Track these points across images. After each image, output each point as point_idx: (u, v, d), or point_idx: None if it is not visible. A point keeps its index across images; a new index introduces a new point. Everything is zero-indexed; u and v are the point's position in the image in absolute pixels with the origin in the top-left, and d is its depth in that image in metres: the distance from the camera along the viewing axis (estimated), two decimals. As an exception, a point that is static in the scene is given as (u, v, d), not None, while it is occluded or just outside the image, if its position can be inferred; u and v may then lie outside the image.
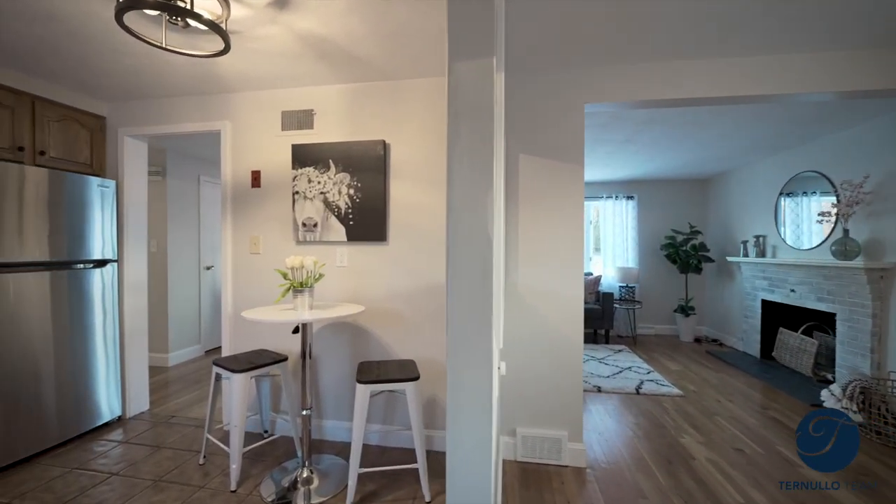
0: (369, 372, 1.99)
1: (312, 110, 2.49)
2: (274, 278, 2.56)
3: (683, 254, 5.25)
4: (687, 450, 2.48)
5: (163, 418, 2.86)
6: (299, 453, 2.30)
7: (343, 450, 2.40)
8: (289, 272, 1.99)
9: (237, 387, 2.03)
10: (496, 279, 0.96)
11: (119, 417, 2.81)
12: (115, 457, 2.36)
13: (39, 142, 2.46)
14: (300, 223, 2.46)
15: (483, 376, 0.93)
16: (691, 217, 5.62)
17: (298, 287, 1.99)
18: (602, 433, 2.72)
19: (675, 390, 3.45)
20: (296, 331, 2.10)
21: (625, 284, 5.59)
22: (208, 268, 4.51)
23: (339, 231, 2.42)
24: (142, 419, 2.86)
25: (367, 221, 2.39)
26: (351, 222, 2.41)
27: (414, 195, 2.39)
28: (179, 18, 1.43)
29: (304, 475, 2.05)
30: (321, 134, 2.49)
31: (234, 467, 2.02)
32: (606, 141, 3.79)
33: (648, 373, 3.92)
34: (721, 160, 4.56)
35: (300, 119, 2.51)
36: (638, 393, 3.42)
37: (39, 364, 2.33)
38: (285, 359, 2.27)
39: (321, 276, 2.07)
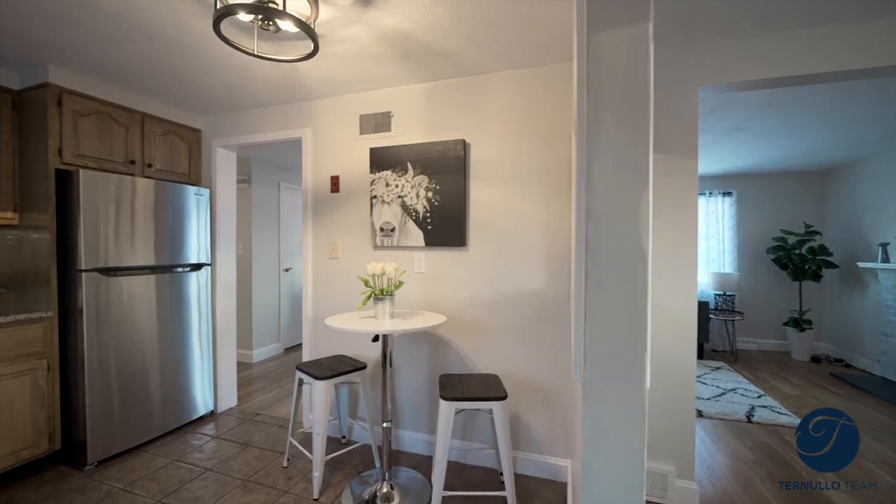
0: (452, 387, 1.86)
1: (390, 112, 2.43)
2: (352, 283, 2.54)
3: (797, 258, 4.51)
4: (830, 501, 2.03)
5: (249, 415, 2.99)
6: (378, 464, 2.25)
7: (421, 463, 2.30)
8: (370, 279, 1.93)
9: (319, 394, 2.01)
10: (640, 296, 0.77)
11: (212, 412, 2.98)
12: (209, 451, 2.47)
13: (147, 155, 2.67)
14: (378, 228, 2.41)
15: (634, 406, 0.74)
16: (804, 215, 4.83)
17: (379, 295, 1.91)
18: (711, 468, 2.34)
19: (798, 420, 2.91)
20: (375, 339, 2.03)
21: (721, 293, 4.95)
22: (287, 269, 4.73)
23: (416, 236, 2.33)
24: (230, 415, 3.00)
25: (445, 225, 2.27)
26: (429, 227, 2.30)
27: (496, 197, 2.23)
28: (271, 23, 1.40)
29: (384, 490, 1.98)
30: (399, 136, 2.42)
31: (317, 475, 2.00)
32: (707, 131, 3.33)
33: (759, 396, 3.38)
34: (849, 148, 3.83)
35: (378, 122, 2.47)
36: (749, 421, 2.94)
37: (147, 360, 2.52)
38: (364, 366, 2.23)
39: (401, 283, 1.99)
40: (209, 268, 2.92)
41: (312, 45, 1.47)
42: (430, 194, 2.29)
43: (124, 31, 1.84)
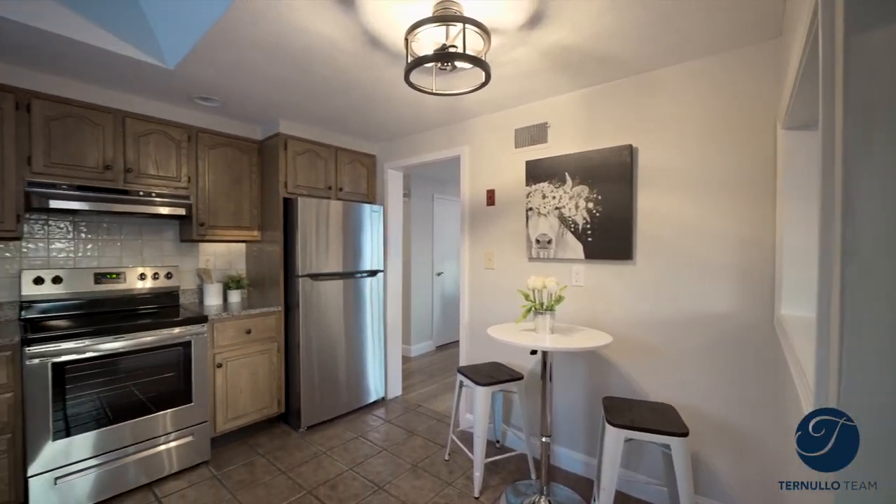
0: (620, 413, 1.74)
1: (546, 123, 2.43)
2: (507, 292, 2.61)
3: None
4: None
5: (412, 405, 3.35)
6: (533, 475, 2.26)
7: (577, 483, 2.23)
8: (530, 293, 1.96)
9: (480, 399, 2.13)
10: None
11: (383, 398, 3.44)
12: (383, 433, 2.87)
13: (339, 181, 3.25)
14: (534, 240, 2.43)
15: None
16: None
17: (540, 309, 1.93)
18: None
19: None
20: (534, 352, 2.05)
21: None
22: (439, 274, 5.14)
23: (575, 248, 2.26)
24: (397, 403, 3.42)
25: (608, 237, 2.15)
26: (589, 238, 2.21)
27: (669, 206, 2.00)
28: (449, 64, 1.55)
29: (543, 504, 1.98)
30: (555, 147, 2.39)
31: (478, 475, 2.13)
32: None
33: None
34: None
35: (533, 134, 2.49)
36: None
37: (336, 349, 3.06)
38: (521, 377, 2.27)
39: (562, 298, 1.96)
40: (382, 274, 3.39)
41: (484, 76, 1.58)
42: (590, 205, 2.20)
43: (332, 86, 2.29)
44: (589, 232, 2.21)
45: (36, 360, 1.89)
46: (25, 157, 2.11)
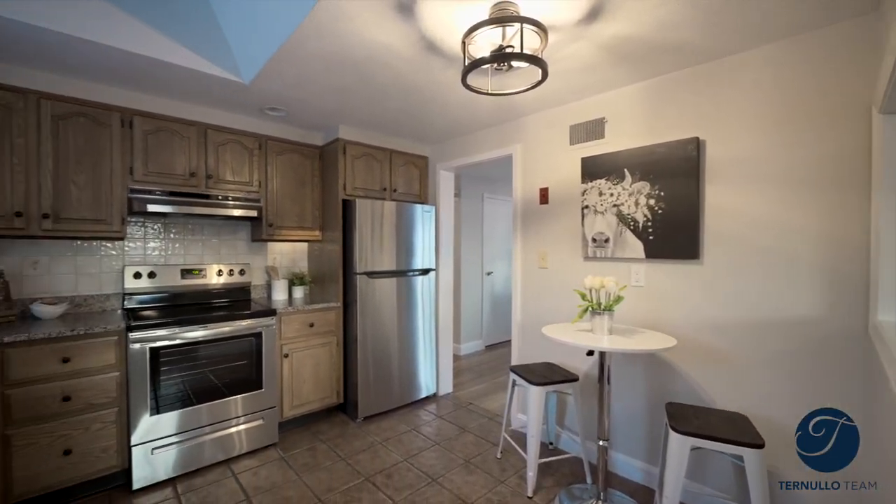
0: (685, 419, 1.66)
1: (603, 118, 2.36)
2: (561, 292, 2.57)
3: None
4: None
5: (463, 403, 3.39)
6: (588, 479, 2.21)
7: (636, 492, 2.14)
8: (587, 292, 1.92)
9: (534, 399, 2.12)
10: None
11: (434, 394, 3.51)
12: (435, 428, 2.93)
13: (393, 182, 3.36)
14: (590, 238, 2.37)
15: None
16: None
17: (597, 309, 1.88)
18: None
19: None
20: (590, 353, 2.00)
21: None
22: (488, 273, 5.14)
23: (634, 247, 2.18)
24: (448, 399, 3.48)
25: (671, 235, 2.05)
26: (650, 237, 2.12)
27: (742, 202, 1.87)
28: (506, 64, 1.56)
29: (600, 509, 1.93)
30: (613, 142, 2.31)
31: (531, 475, 2.12)
32: None
33: None
34: None
35: (589, 130, 2.42)
36: None
37: (390, 344, 3.17)
38: (576, 378, 2.23)
39: (621, 298, 1.90)
40: (434, 272, 3.46)
41: (541, 73, 1.57)
42: (651, 202, 2.11)
43: (389, 92, 2.38)
44: (650, 230, 2.12)
45: (137, 345, 2.15)
46: (128, 168, 2.41)
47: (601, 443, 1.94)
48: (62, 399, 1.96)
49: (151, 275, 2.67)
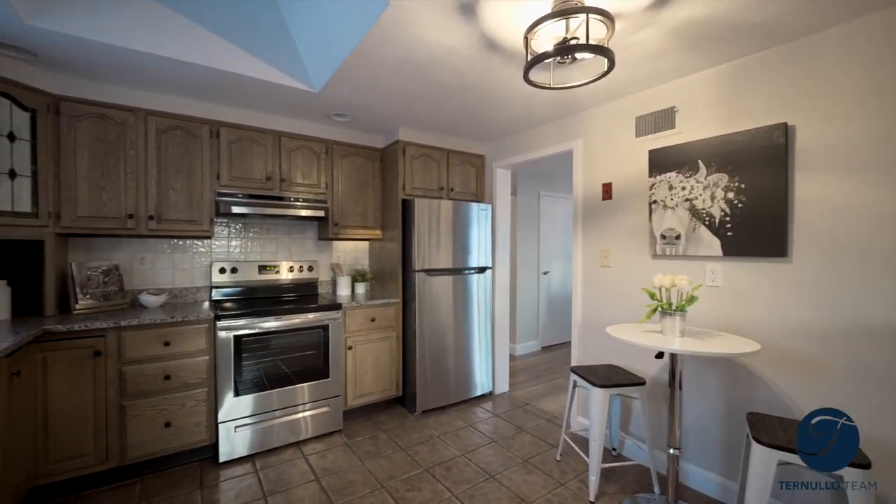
0: (770, 431, 1.52)
1: (673, 108, 2.22)
2: (625, 291, 2.46)
3: None
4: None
5: (519, 403, 3.35)
6: (656, 489, 2.09)
7: (712, 507, 2.00)
8: (656, 291, 1.82)
9: (597, 401, 2.05)
10: None
11: (490, 393, 3.51)
12: (491, 426, 2.93)
13: (450, 181, 3.42)
14: (658, 235, 2.24)
15: None
16: None
17: (668, 309, 1.78)
18: None
19: None
20: (659, 356, 1.90)
21: None
22: (545, 273, 5.04)
23: (710, 244, 2.03)
24: (504, 398, 3.46)
25: (754, 231, 1.88)
26: (728, 233, 1.96)
27: (841, 193, 1.67)
28: (569, 56, 1.53)
29: (670, 522, 1.82)
30: (685, 133, 2.17)
31: (594, 479, 2.05)
32: None
33: None
34: None
35: (657, 121, 2.29)
36: None
37: (446, 341, 3.22)
38: (643, 382, 2.12)
39: (694, 298, 1.78)
40: (490, 271, 3.46)
41: (607, 64, 1.52)
42: (730, 195, 1.95)
43: (448, 92, 2.43)
44: (728, 225, 1.96)
45: (223, 333, 2.39)
46: (215, 173, 2.68)
47: (671, 451, 1.83)
48: (164, 378, 2.24)
49: (234, 270, 2.95)
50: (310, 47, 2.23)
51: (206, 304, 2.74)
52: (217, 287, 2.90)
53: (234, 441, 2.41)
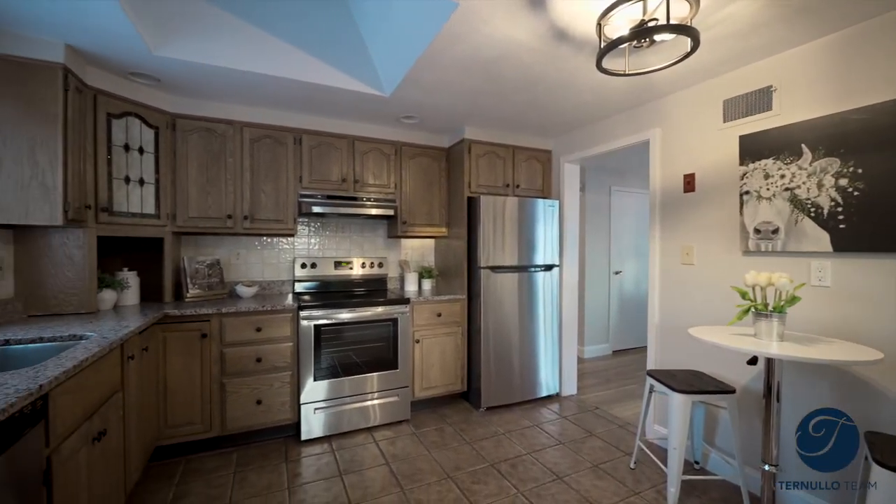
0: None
1: (770, 87, 1.99)
2: (711, 292, 2.25)
3: None
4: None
5: (588, 407, 3.22)
6: (748, 510, 1.89)
7: (818, 537, 1.76)
8: (749, 290, 1.65)
9: (678, 408, 1.90)
10: None
11: (556, 394, 3.42)
12: (559, 427, 2.85)
13: (516, 178, 3.39)
14: (752, 229, 2.02)
15: None
16: None
17: (763, 310, 1.60)
18: None
19: None
20: (752, 361, 1.72)
21: None
22: (617, 273, 4.77)
23: (816, 238, 1.79)
24: (572, 401, 3.34)
25: (876, 223, 1.62)
26: (840, 225, 1.72)
27: None
28: (646, 39, 1.45)
29: (765, 546, 1.64)
30: (784, 114, 1.94)
31: (672, 491, 1.91)
32: None
33: None
34: None
35: (750, 103, 2.07)
36: None
37: (511, 338, 3.19)
38: (733, 391, 1.93)
39: (796, 298, 1.58)
40: (557, 269, 3.37)
41: (690, 44, 1.41)
42: (842, 182, 1.70)
43: (515, 86, 2.41)
44: (840, 217, 1.71)
45: (305, 322, 2.61)
46: (298, 177, 2.93)
47: (767, 468, 1.65)
48: (255, 360, 2.50)
49: (313, 265, 3.20)
50: (381, 54, 2.35)
51: (290, 296, 3.01)
52: (298, 281, 3.17)
53: (312, 422, 2.62)
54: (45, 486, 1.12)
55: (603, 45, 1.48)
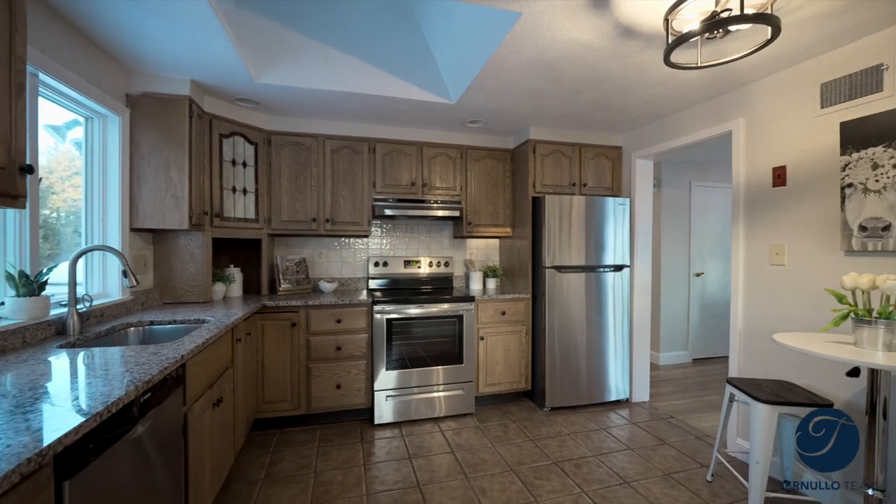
0: None
1: (881, 65, 1.76)
2: (804, 296, 2.04)
3: None
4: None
5: (662, 415, 3.06)
6: (849, 540, 1.69)
7: (941, 580, 1.53)
8: (847, 294, 1.49)
9: (761, 419, 1.77)
10: None
11: (626, 400, 3.29)
12: (627, 433, 2.76)
13: (583, 176, 3.32)
14: (856, 226, 1.80)
15: None
16: None
17: (866, 316, 1.44)
18: None
19: None
20: (852, 373, 1.55)
21: None
22: (698, 274, 4.43)
23: (939, 236, 1.55)
24: (643, 408, 3.19)
25: None
26: (972, 221, 1.48)
27: None
28: (719, 31, 1.39)
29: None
30: (898, 95, 1.70)
31: (754, 509, 1.78)
32: None
33: None
34: None
35: (854, 85, 1.85)
36: None
37: (578, 339, 3.14)
38: (831, 405, 1.74)
39: (908, 304, 1.40)
40: (628, 269, 3.25)
41: (770, 31, 1.33)
42: (974, 171, 1.46)
43: (580, 86, 2.40)
44: (972, 211, 1.47)
45: (378, 315, 2.83)
46: (372, 182, 3.18)
47: (871, 492, 1.48)
48: (335, 348, 2.78)
49: (384, 264, 3.44)
50: (447, 64, 2.48)
51: (364, 291, 3.28)
52: (372, 278, 3.43)
53: (384, 408, 2.83)
54: (183, 437, 1.40)
55: (671, 40, 1.44)
